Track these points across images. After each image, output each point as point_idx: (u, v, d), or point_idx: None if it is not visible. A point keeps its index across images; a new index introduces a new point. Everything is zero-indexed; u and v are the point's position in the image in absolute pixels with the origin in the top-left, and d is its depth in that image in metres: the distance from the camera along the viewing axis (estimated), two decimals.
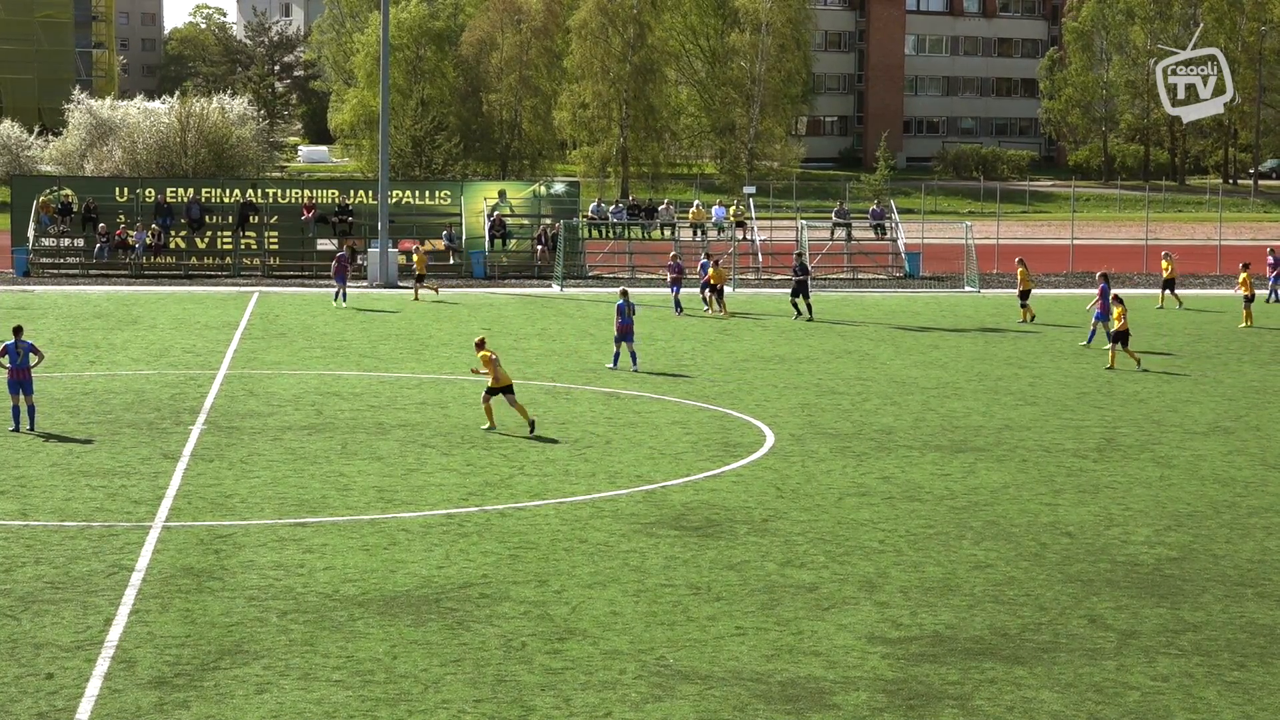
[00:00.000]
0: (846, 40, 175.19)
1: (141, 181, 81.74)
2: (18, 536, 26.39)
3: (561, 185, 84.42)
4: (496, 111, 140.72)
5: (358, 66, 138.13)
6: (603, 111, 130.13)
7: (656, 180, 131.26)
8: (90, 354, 47.99)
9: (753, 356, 49.24)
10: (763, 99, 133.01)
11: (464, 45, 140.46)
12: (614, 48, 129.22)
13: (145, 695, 19.11)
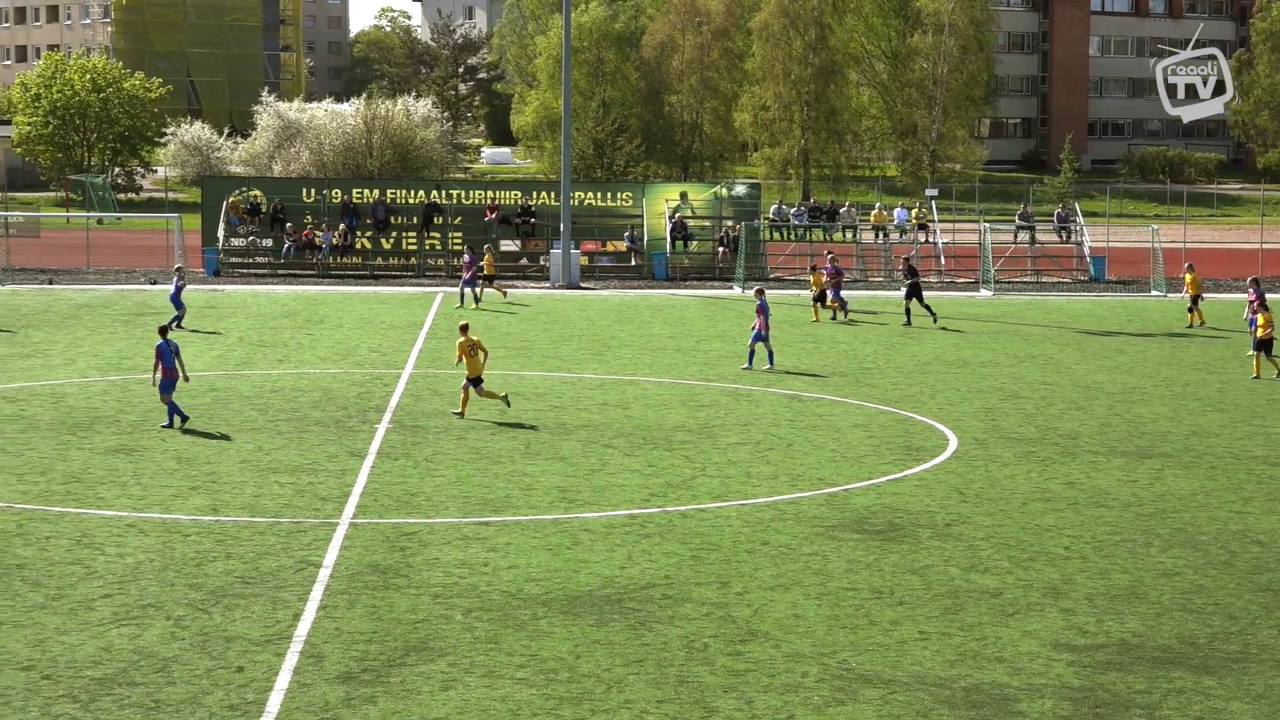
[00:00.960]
0: (1030, 41, 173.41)
1: (328, 182, 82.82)
2: (209, 531, 26.86)
3: (743, 187, 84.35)
4: (678, 113, 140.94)
5: (540, 69, 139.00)
6: (784, 113, 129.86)
7: (838, 182, 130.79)
8: (278, 353, 48.71)
9: (935, 360, 48.93)
10: (945, 101, 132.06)
11: (645, 47, 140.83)
12: (795, 50, 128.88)
13: (333, 690, 19.37)
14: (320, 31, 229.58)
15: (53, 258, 78.31)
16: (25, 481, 30.37)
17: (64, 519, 27.60)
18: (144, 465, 31.96)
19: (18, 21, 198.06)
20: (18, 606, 22.46)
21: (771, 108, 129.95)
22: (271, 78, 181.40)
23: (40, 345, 49.16)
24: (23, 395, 40.07)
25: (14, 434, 34.92)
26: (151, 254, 79.78)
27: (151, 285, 69.73)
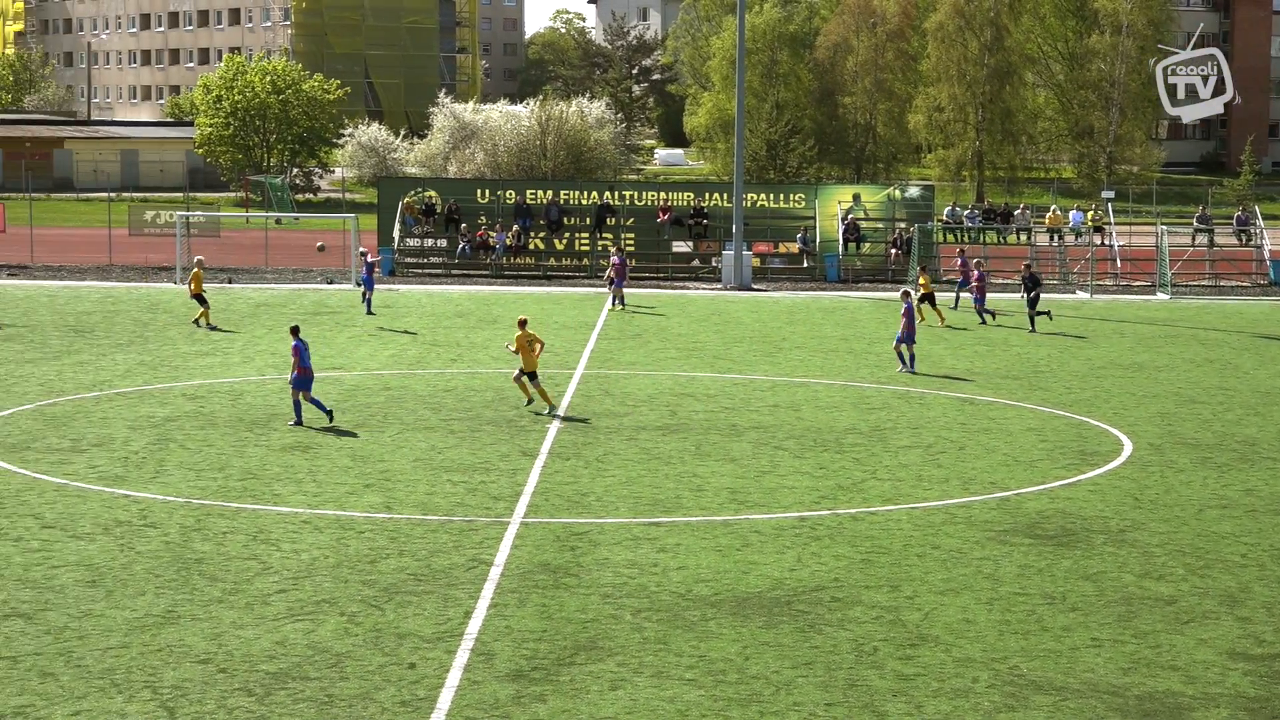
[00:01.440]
0: (1209, 42, 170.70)
1: (502, 183, 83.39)
2: (383, 529, 27.16)
3: (916, 189, 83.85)
4: (851, 115, 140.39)
5: (713, 70, 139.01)
6: (958, 115, 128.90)
7: (1012, 184, 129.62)
8: (452, 352, 49.13)
9: (1110, 364, 48.36)
10: (1122, 102, 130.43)
11: (819, 48, 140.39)
12: (970, 51, 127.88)
13: (503, 688, 19.51)
14: (496, 33, 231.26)
15: (232, 257, 79.54)
16: (204, 478, 30.89)
17: (241, 515, 28.03)
18: (319, 462, 32.39)
19: (200, 24, 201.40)
20: (196, 600, 22.85)
21: (946, 109, 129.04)
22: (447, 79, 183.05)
23: (219, 344, 49.96)
24: (202, 392, 40.75)
25: (193, 430, 35.53)
26: (329, 254, 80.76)
27: (328, 285, 70.60)
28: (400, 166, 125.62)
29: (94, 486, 30.00)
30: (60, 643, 20.92)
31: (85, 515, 27.78)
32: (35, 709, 18.64)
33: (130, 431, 35.39)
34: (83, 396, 39.66)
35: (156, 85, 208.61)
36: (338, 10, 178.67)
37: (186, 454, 33.04)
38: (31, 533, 26.52)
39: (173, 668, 20.06)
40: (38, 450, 33.20)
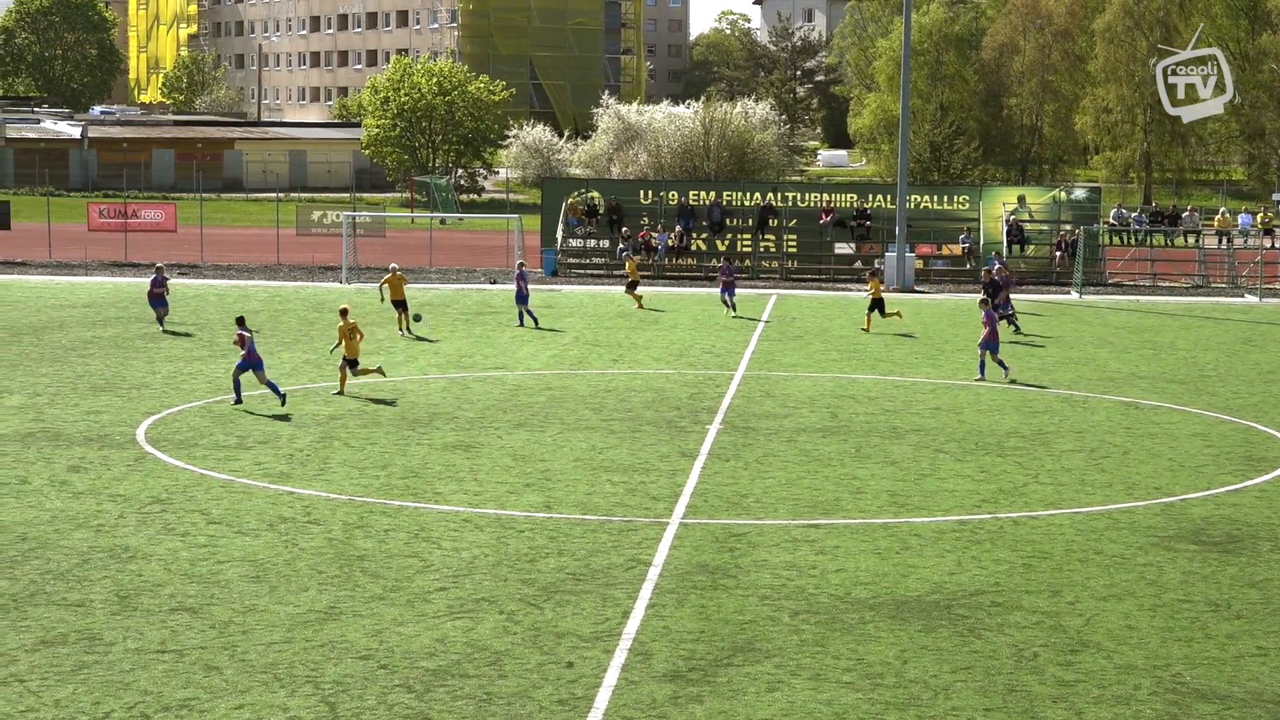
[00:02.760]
0: None
1: (665, 184, 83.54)
2: (542, 528, 27.31)
3: (1082, 191, 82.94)
4: (1016, 116, 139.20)
5: (879, 71, 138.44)
6: (1126, 116, 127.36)
7: (1180, 186, 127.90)
8: (613, 352, 49.29)
9: (1279, 369, 47.63)
10: None
11: (985, 49, 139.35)
12: (1139, 51, 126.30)
13: (660, 688, 19.55)
14: (660, 35, 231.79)
15: (397, 257, 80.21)
16: (366, 475, 31.22)
17: (403, 513, 28.30)
18: (480, 461, 32.63)
19: (369, 27, 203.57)
20: (358, 597, 23.11)
21: (1114, 110, 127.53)
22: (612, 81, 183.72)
23: (383, 343, 50.45)
24: (366, 391, 41.17)
25: (357, 429, 35.92)
26: (492, 254, 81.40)
27: (491, 285, 71.08)
28: (564, 167, 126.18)
29: (259, 483, 30.42)
30: (225, 637, 21.24)
31: (250, 511, 28.18)
32: (200, 702, 18.94)
33: (295, 429, 35.85)
34: (249, 394, 40.21)
35: (325, 87, 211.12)
36: (504, 12, 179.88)
37: (350, 452, 33.42)
38: (198, 528, 26.95)
39: (334, 663, 20.30)
40: (205, 447, 33.73)
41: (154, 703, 18.89)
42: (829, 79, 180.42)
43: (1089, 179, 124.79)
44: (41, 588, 23.32)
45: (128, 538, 26.23)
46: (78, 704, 18.81)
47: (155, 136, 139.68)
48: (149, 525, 27.09)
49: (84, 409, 37.86)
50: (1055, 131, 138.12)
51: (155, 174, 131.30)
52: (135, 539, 26.16)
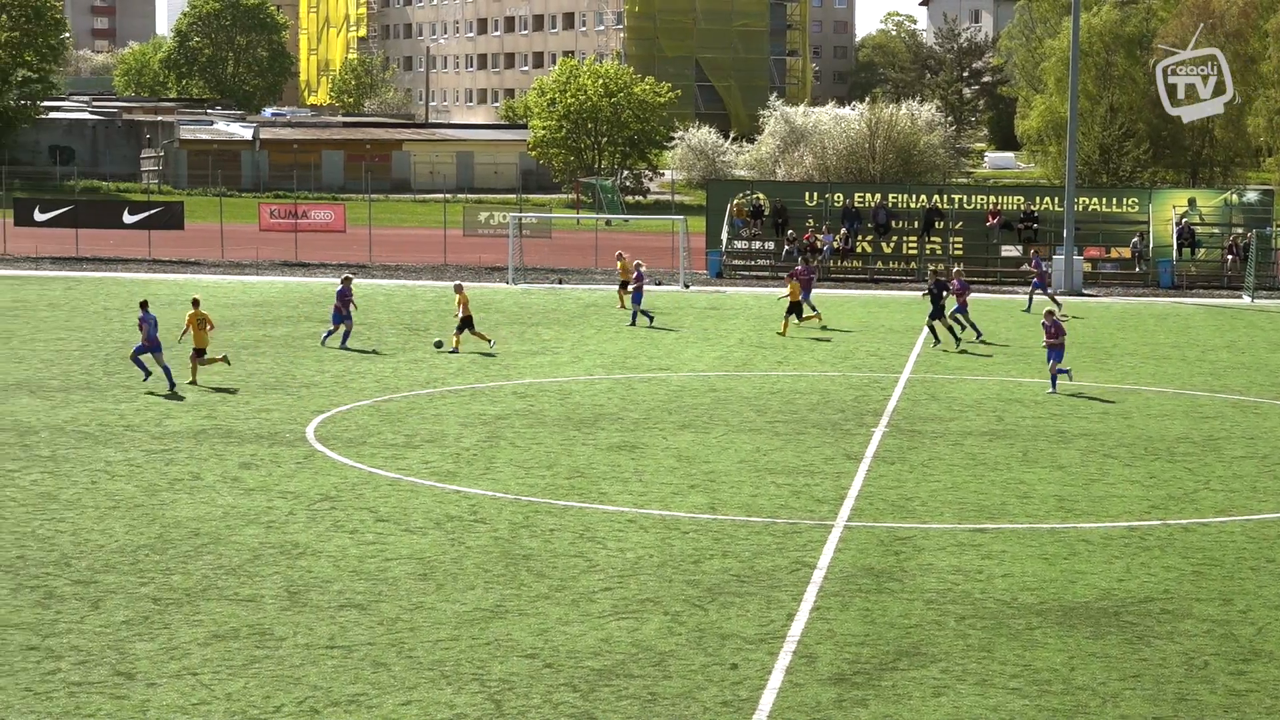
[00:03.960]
0: None
1: (830, 186, 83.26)
2: (706, 529, 27.33)
3: (1254, 193, 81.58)
4: None
5: (1047, 72, 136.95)
6: None
7: None
8: (778, 354, 49.21)
9: None
10: None
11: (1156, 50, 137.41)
12: None
13: (825, 691, 19.51)
14: (826, 36, 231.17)
15: (562, 258, 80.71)
16: (532, 475, 31.41)
17: (568, 512, 28.45)
18: (645, 462, 32.72)
19: (535, 29, 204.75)
20: (524, 596, 23.25)
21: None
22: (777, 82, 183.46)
23: (549, 343, 50.73)
24: (532, 391, 41.43)
25: (523, 428, 36.15)
26: (658, 255, 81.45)
27: (656, 286, 71.25)
28: (729, 169, 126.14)
29: (426, 481, 30.70)
30: (392, 634, 21.46)
31: (418, 509, 28.45)
32: (368, 698, 19.15)
33: (462, 428, 36.15)
34: (417, 393, 40.62)
35: (492, 88, 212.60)
36: (670, 14, 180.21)
37: (516, 451, 33.64)
38: (367, 525, 27.25)
39: (500, 661, 20.45)
40: (373, 445, 34.10)
41: (323, 698, 19.13)
42: (995, 80, 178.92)
43: (1261, 181, 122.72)
44: (214, 583, 23.69)
45: (298, 534, 26.59)
46: (249, 698, 19.09)
47: (325, 138, 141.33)
48: (318, 522, 27.44)
49: (255, 407, 38.41)
50: (1227, 134, 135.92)
51: (325, 175, 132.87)
52: (305, 535, 26.51)
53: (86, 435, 34.59)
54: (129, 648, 20.74)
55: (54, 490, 29.49)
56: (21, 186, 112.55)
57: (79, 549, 25.47)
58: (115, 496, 29.09)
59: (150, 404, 38.42)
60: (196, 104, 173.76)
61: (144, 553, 25.29)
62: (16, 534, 26.33)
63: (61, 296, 61.71)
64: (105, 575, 23.99)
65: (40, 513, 27.79)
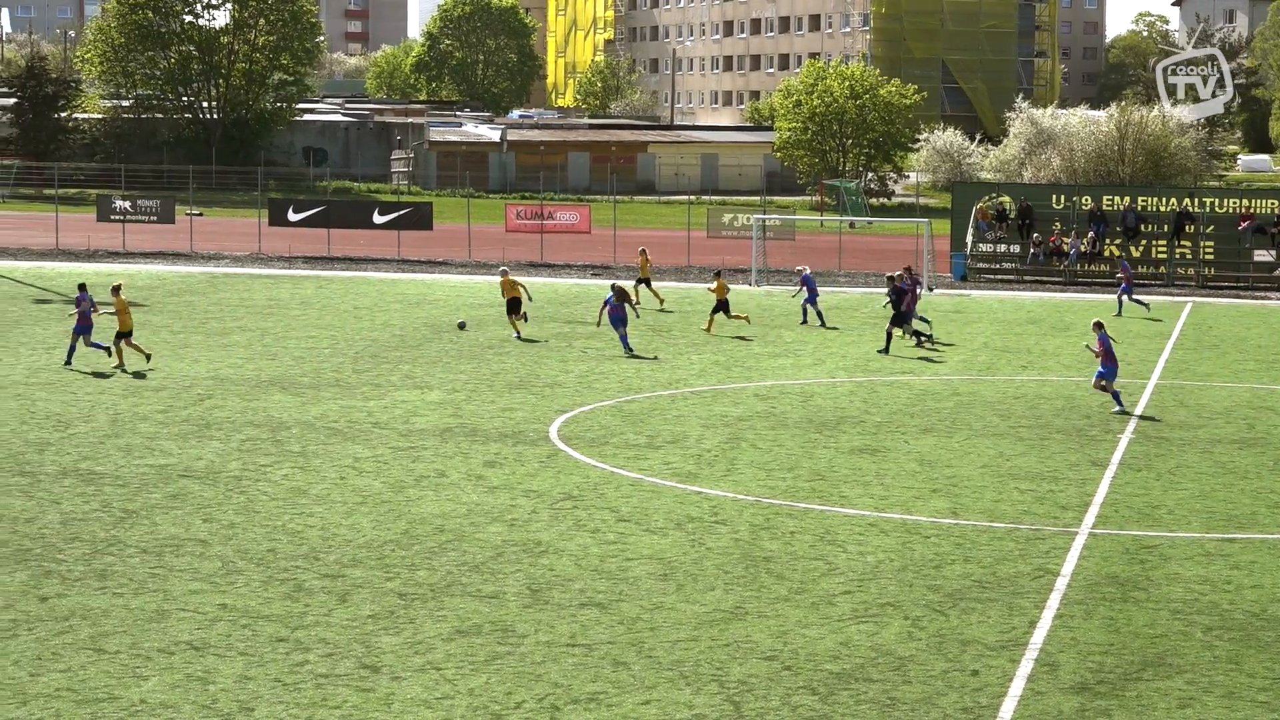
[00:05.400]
0: None
1: (1078, 189, 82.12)
2: (948, 534, 27.14)
3: None
4: None
5: None
6: None
7: None
8: (1022, 359, 48.68)
9: None
10: None
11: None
12: None
13: (1067, 700, 19.28)
14: (1075, 37, 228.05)
15: (805, 260, 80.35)
16: (773, 477, 31.42)
17: (809, 515, 28.42)
18: (887, 466, 32.57)
19: (781, 31, 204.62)
20: (763, 598, 23.28)
21: None
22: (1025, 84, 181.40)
23: (791, 345, 50.66)
24: (774, 393, 41.43)
25: (764, 430, 36.16)
26: (901, 258, 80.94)
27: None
28: (975, 172, 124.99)
29: (667, 482, 30.85)
30: (632, 633, 21.60)
31: (659, 510, 28.60)
32: (608, 696, 19.30)
33: (703, 429, 36.26)
34: (659, 394, 40.83)
35: (737, 90, 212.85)
36: (917, 15, 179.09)
37: (757, 453, 33.67)
38: (608, 525, 27.46)
39: (739, 663, 20.49)
40: (615, 445, 34.34)
41: (563, 695, 19.32)
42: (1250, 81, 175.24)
43: None
44: (457, 579, 24.04)
45: (540, 532, 26.87)
46: (490, 693, 19.35)
47: (571, 140, 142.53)
48: (560, 521, 27.70)
49: (500, 406, 38.87)
50: None
51: (571, 176, 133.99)
52: (547, 534, 26.78)
53: (335, 431, 35.28)
54: (375, 641, 21.13)
55: (304, 485, 30.13)
56: (276, 187, 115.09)
57: (327, 543, 25.99)
58: (363, 492, 29.65)
59: (398, 402, 39.07)
60: (446, 106, 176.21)
61: (390, 548, 25.75)
62: (268, 527, 26.95)
63: (313, 295, 62.98)
64: (352, 570, 24.46)
65: (290, 507, 28.41)
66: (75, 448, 33.04)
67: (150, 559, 24.90)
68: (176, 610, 22.32)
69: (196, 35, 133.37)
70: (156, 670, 19.96)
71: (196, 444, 33.65)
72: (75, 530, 26.56)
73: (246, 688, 19.43)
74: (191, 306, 58.20)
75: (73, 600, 22.72)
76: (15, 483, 29.85)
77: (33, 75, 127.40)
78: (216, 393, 39.95)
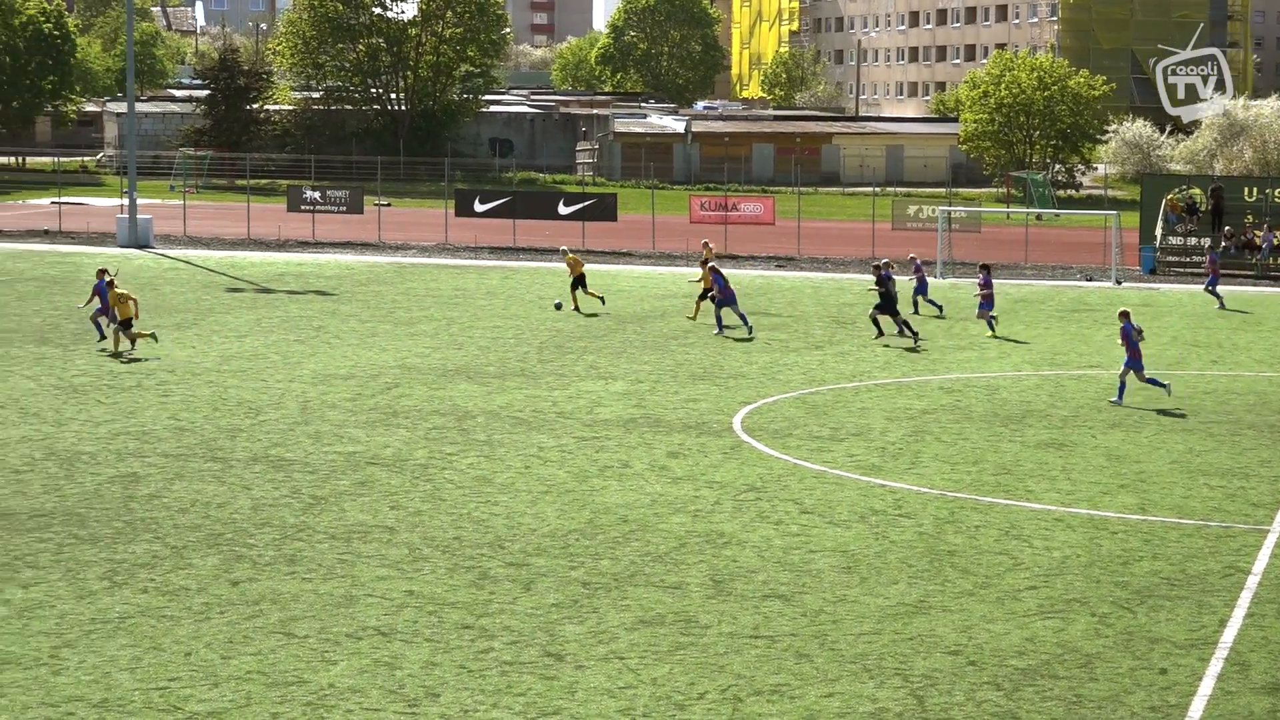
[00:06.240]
0: None
1: (1270, 181, 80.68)
2: (1136, 530, 26.81)
3: None
4: None
5: None
6: None
7: None
8: (1212, 353, 47.93)
9: None
10: None
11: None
12: None
13: (1258, 700, 18.98)
14: (1269, 26, 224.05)
15: (991, 252, 79.72)
16: (958, 470, 31.21)
17: (993, 509, 28.20)
18: (1073, 460, 32.23)
19: (967, 21, 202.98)
20: (948, 592, 23.14)
21: None
22: None
23: (976, 338, 50.21)
24: (958, 386, 41.13)
25: (949, 424, 35.92)
26: (1089, 251, 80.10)
27: (1087, 282, 70.05)
28: (1164, 164, 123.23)
29: (851, 475, 30.76)
30: (815, 626, 21.57)
31: (842, 502, 28.52)
32: (790, 688, 19.29)
33: (887, 422, 36.10)
34: (843, 386, 40.70)
35: (922, 81, 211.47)
36: (1106, 5, 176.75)
37: (941, 446, 33.46)
38: (791, 517, 27.43)
39: (923, 657, 20.39)
40: (799, 437, 34.28)
41: (746, 687, 19.33)
42: None
43: None
44: (641, 569, 24.14)
45: (723, 524, 26.91)
46: (673, 683, 19.41)
47: (755, 131, 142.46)
48: (744, 512, 27.72)
49: (683, 396, 38.95)
50: None
51: (755, 168, 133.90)
52: (730, 525, 26.80)
53: (520, 421, 35.55)
54: (559, 630, 21.27)
55: (489, 474, 30.39)
56: (462, 178, 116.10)
57: (512, 532, 26.20)
58: (547, 481, 29.84)
59: (582, 392, 39.27)
60: (630, 98, 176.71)
61: (574, 537, 25.90)
62: (454, 515, 27.22)
63: (499, 285, 63.47)
64: (537, 558, 24.64)
65: (476, 495, 28.67)
66: (266, 434, 33.59)
67: (338, 545, 25.25)
68: (364, 596, 22.62)
69: (385, 28, 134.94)
70: (344, 655, 20.25)
71: (384, 432, 34.06)
72: (265, 516, 27.01)
73: (432, 673, 19.65)
74: (379, 296, 58.90)
75: (263, 585, 23.10)
76: (208, 468, 30.41)
77: (225, 68, 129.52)
78: (403, 381, 40.41)
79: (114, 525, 26.21)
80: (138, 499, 27.99)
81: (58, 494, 28.26)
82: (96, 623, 21.32)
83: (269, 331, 48.89)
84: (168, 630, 21.08)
